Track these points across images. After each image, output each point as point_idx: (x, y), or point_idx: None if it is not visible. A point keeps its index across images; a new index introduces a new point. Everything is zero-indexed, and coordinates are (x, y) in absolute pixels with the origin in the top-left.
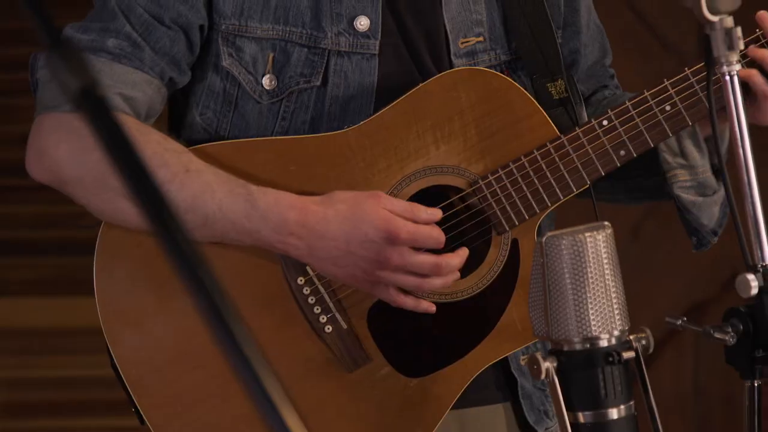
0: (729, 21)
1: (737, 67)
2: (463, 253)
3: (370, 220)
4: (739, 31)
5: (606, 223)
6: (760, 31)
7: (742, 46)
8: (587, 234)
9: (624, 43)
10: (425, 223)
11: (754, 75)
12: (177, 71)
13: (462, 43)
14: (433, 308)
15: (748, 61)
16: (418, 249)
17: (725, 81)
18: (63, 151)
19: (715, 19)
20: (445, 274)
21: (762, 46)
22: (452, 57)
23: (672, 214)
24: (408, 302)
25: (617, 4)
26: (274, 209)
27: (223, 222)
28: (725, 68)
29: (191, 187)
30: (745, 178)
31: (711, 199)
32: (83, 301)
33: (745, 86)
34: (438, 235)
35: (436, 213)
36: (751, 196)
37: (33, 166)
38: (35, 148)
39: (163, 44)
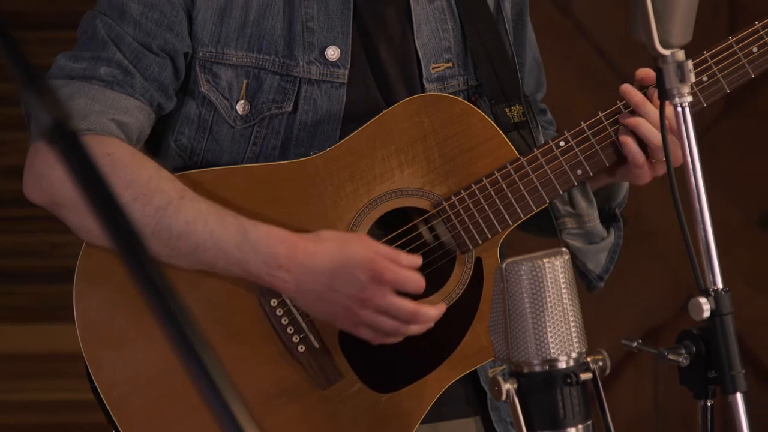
0: (680, 54)
1: (689, 98)
2: (441, 307)
3: (357, 259)
4: (690, 64)
5: (564, 249)
6: (621, 102)
7: (693, 79)
8: (546, 260)
9: (583, 77)
10: (406, 267)
11: (630, 143)
12: (165, 97)
13: (433, 68)
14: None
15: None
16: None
17: (677, 112)
18: (58, 174)
19: (667, 52)
20: (422, 323)
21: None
22: (424, 82)
23: (630, 241)
24: (387, 341)
25: (578, 40)
26: (265, 241)
27: (214, 250)
28: (677, 99)
29: (185, 214)
30: (697, 206)
31: (597, 246)
32: (60, 328)
33: (619, 151)
34: (419, 280)
35: (417, 259)
36: (704, 224)
37: (30, 189)
38: (31, 172)
39: (152, 71)
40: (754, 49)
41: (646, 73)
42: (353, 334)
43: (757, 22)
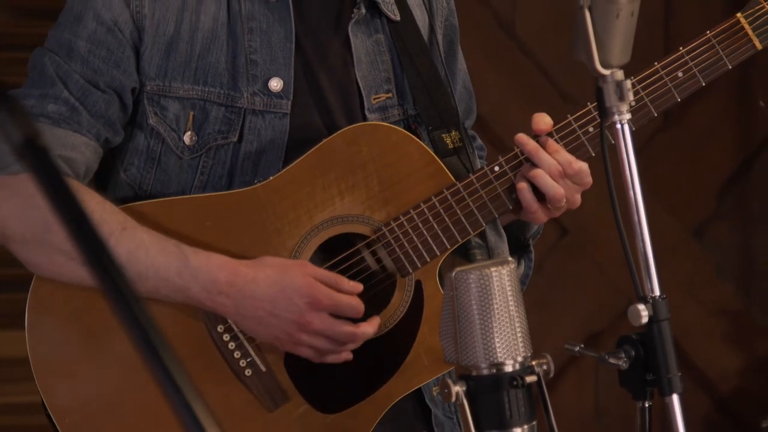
0: (619, 74)
1: (627, 116)
2: (375, 322)
3: (295, 286)
4: (628, 83)
5: (510, 258)
6: (518, 148)
7: (631, 98)
8: (493, 269)
9: (527, 96)
10: (347, 293)
11: (525, 189)
12: (112, 132)
13: (374, 99)
14: (350, 356)
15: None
16: (338, 316)
17: (616, 129)
18: (6, 210)
19: (606, 72)
20: (359, 342)
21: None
22: (366, 112)
23: (572, 251)
24: (328, 359)
25: (522, 60)
26: (205, 268)
27: (156, 279)
28: (616, 117)
29: (126, 245)
30: (636, 218)
31: None
32: None
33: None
34: (357, 305)
35: (358, 286)
36: (642, 235)
37: None
38: None
39: (99, 108)
40: (680, 74)
41: (539, 121)
42: (295, 353)
43: (681, 48)
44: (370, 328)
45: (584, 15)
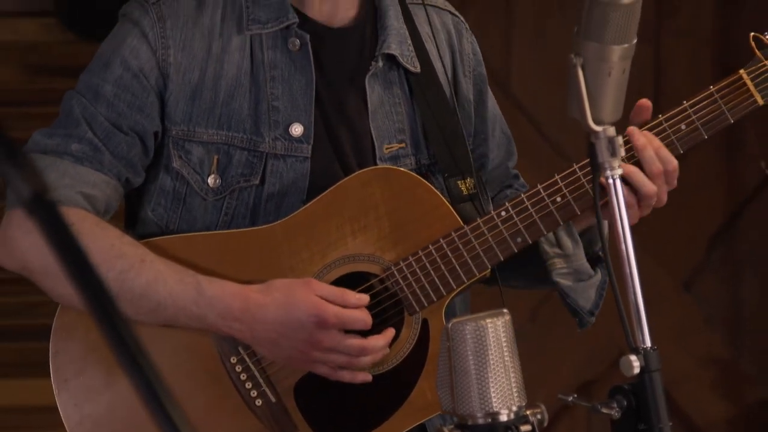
0: (611, 130)
1: (619, 171)
2: (389, 334)
3: (302, 306)
4: (620, 139)
5: (505, 310)
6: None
7: (623, 153)
8: (488, 320)
9: (522, 151)
10: (354, 307)
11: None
12: (133, 173)
13: (386, 148)
14: (369, 377)
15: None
16: (349, 331)
17: (608, 183)
18: (29, 242)
19: (599, 129)
20: (372, 353)
21: (630, 158)
22: (377, 161)
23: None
24: (344, 376)
25: (518, 117)
26: (220, 297)
27: (174, 308)
28: (608, 172)
29: (146, 276)
30: (627, 270)
31: (587, 283)
32: (38, 383)
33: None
34: (365, 317)
35: (364, 298)
36: (633, 287)
37: (2, 256)
38: (4, 239)
39: (121, 149)
40: (683, 127)
41: (642, 108)
42: (311, 371)
43: (685, 102)
44: (381, 340)
45: (577, 73)
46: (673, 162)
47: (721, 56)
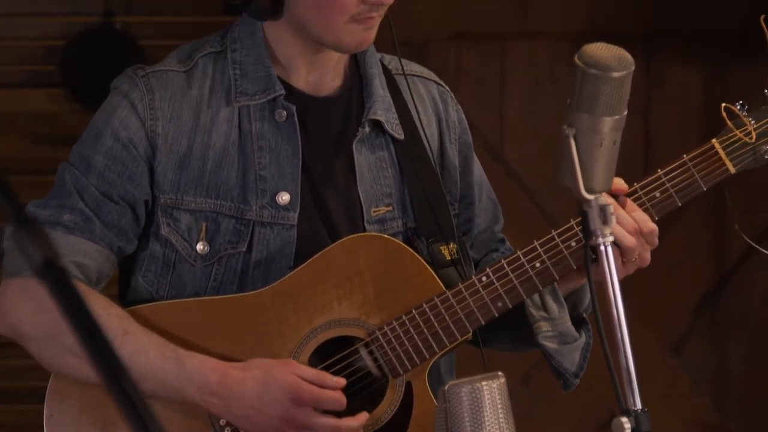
0: (603, 199)
1: (610, 238)
2: (362, 417)
3: (279, 384)
4: (612, 208)
5: (500, 372)
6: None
7: (614, 221)
8: (484, 383)
9: (514, 218)
10: (331, 388)
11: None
12: (125, 241)
13: (374, 211)
14: None
15: None
16: (325, 411)
17: (600, 251)
18: (22, 311)
19: (591, 197)
20: None
21: (637, 199)
22: (366, 224)
23: None
24: None
25: (510, 184)
26: (199, 371)
27: (154, 380)
28: (600, 239)
29: (128, 348)
30: (619, 334)
31: (572, 346)
32: None
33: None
34: (339, 398)
35: (341, 381)
36: (624, 350)
37: None
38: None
39: (112, 218)
40: (657, 194)
41: (617, 183)
42: None
43: (659, 170)
44: (354, 422)
45: (570, 143)
46: (649, 223)
47: (709, 126)
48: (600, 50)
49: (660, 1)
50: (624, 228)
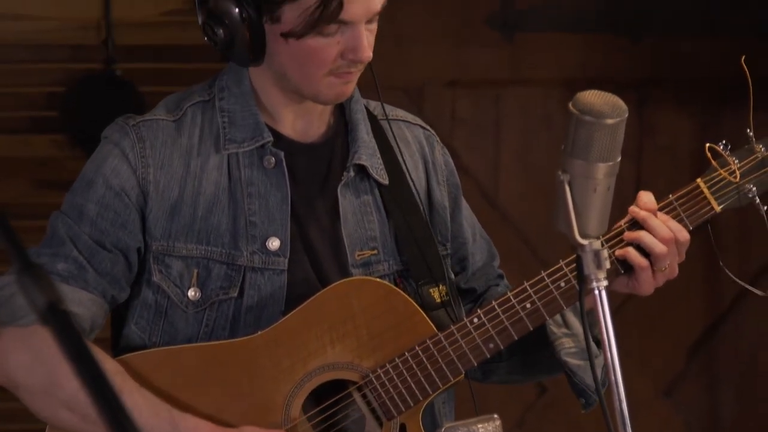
0: (597, 244)
1: (604, 282)
2: None
3: None
4: (605, 252)
5: (495, 415)
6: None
7: (608, 266)
8: (480, 425)
9: (507, 261)
10: None
11: (631, 251)
12: (117, 289)
13: (358, 255)
14: None
15: (624, 243)
16: None
17: (594, 295)
18: (17, 361)
19: (585, 242)
20: None
21: (632, 226)
22: (350, 267)
23: (551, 408)
24: None
25: (504, 229)
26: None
27: None
28: (594, 284)
29: None
30: (613, 378)
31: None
32: None
33: (624, 263)
34: None
35: None
36: (618, 393)
37: None
38: None
39: (105, 266)
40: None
41: (646, 200)
42: None
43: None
44: None
45: (564, 189)
46: (684, 233)
47: (699, 171)
48: (594, 97)
49: (652, 48)
50: (659, 236)
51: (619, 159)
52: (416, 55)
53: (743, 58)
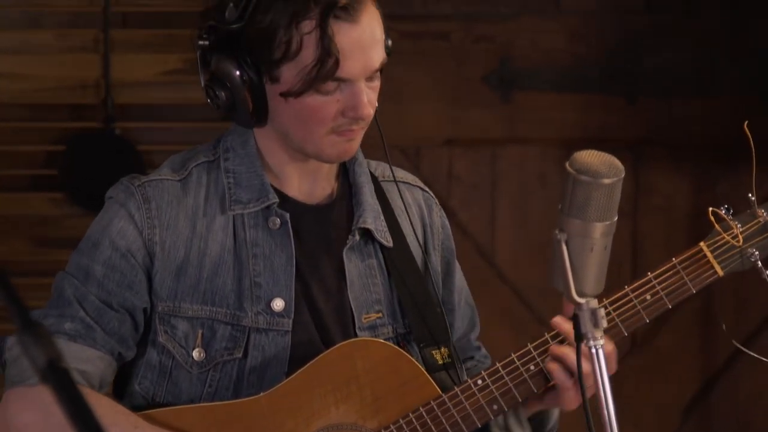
0: (594, 302)
1: (601, 341)
2: None
3: None
4: (602, 311)
5: None
6: (549, 334)
7: (605, 324)
8: None
9: (503, 318)
10: None
11: (556, 370)
12: (125, 347)
13: (365, 318)
14: None
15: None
16: None
17: (591, 353)
18: (24, 419)
19: (582, 301)
20: None
21: (560, 343)
22: (357, 330)
23: None
24: None
25: (500, 286)
26: None
27: None
28: (591, 342)
29: None
30: None
31: None
32: None
33: (546, 378)
34: None
35: None
36: None
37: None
38: (3, 417)
39: (112, 326)
40: (648, 297)
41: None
42: None
43: (649, 273)
44: None
45: (561, 248)
46: (609, 346)
47: (696, 232)
48: (591, 157)
49: (648, 109)
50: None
51: (616, 218)
52: (413, 114)
53: (746, 123)
